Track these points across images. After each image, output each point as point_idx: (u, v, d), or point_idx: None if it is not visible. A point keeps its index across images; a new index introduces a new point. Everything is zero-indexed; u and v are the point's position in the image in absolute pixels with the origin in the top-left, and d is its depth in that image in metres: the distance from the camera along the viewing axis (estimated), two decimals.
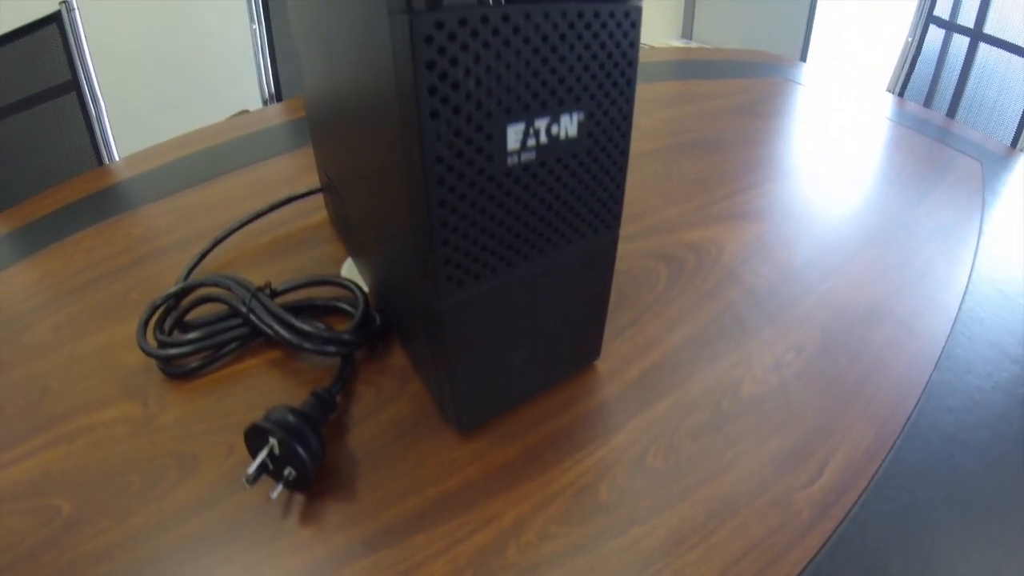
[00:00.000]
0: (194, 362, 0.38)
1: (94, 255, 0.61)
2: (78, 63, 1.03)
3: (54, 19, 1.02)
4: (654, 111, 0.80)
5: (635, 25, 0.22)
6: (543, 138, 0.22)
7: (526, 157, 0.21)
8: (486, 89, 0.19)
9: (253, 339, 0.38)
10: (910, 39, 1.16)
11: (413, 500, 0.29)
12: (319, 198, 0.57)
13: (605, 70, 0.22)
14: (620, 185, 0.26)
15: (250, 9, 1.17)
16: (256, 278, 0.45)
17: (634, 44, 0.22)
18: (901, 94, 1.17)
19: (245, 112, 1.26)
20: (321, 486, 0.30)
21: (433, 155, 0.19)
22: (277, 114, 0.99)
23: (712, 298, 0.43)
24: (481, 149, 0.20)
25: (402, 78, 0.18)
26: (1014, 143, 0.98)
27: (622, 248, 0.45)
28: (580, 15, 0.20)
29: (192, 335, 0.38)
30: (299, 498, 0.30)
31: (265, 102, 1.20)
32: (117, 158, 1.08)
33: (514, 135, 0.21)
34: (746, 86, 0.93)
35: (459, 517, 0.29)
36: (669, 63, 1.10)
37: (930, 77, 1.15)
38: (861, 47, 2.29)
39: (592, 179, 0.24)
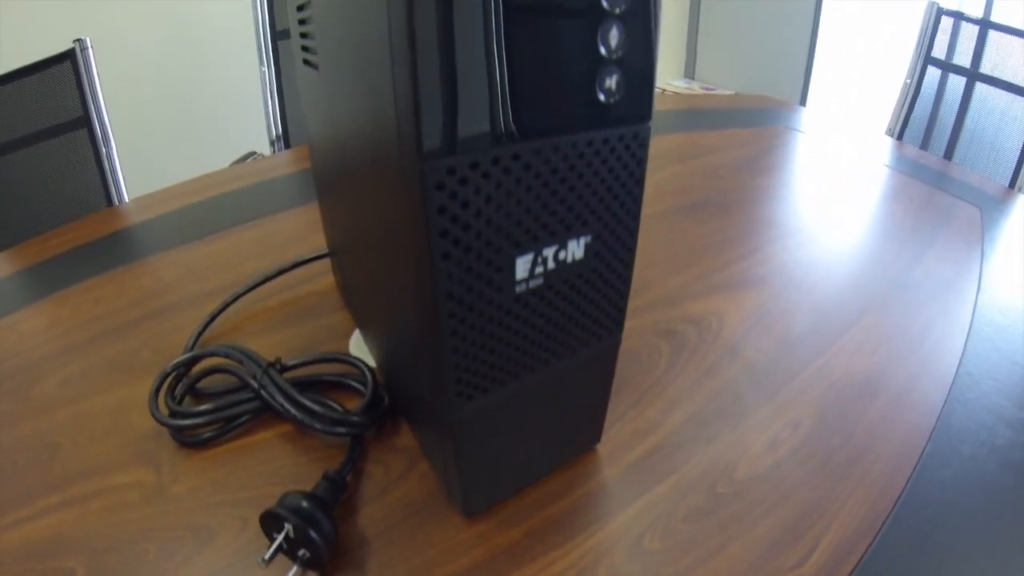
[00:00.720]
0: (206, 433, 0.40)
1: (103, 306, 0.63)
2: (90, 100, 1.07)
3: (68, 56, 1.06)
4: (660, 168, 0.83)
5: (644, 145, 0.24)
6: (551, 264, 0.23)
7: (534, 284, 0.23)
8: (496, 226, 0.21)
9: (264, 412, 0.40)
10: (908, 80, 1.19)
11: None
12: (326, 260, 0.59)
13: (613, 192, 0.24)
14: (624, 295, 0.28)
15: (259, 51, 1.21)
16: (265, 346, 0.47)
17: (642, 162, 0.24)
18: (900, 136, 1.20)
19: (253, 154, 1.30)
20: (333, 565, 0.31)
21: (444, 292, 0.21)
22: (284, 163, 1.02)
23: (712, 376, 0.44)
24: (491, 282, 0.22)
25: (413, 219, 0.19)
26: (1012, 182, 1.00)
27: (625, 325, 0.48)
28: (590, 143, 0.22)
29: (204, 407, 0.40)
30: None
31: (272, 143, 1.23)
32: (126, 196, 1.11)
33: (522, 266, 0.22)
34: (748, 137, 0.96)
35: None
36: (674, 113, 1.14)
37: (928, 118, 1.19)
38: (861, 87, 2.35)
39: (597, 293, 0.26)
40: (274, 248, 0.68)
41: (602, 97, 0.20)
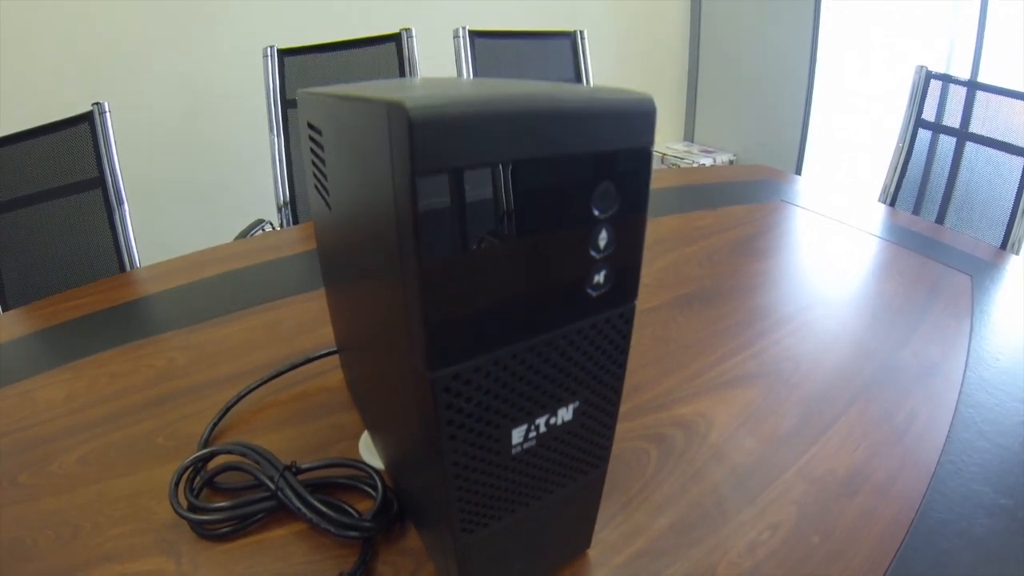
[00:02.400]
0: (224, 528, 0.44)
1: (118, 383, 0.68)
2: (105, 162, 1.14)
3: (86, 118, 1.14)
4: (657, 257, 0.88)
5: (629, 320, 0.28)
6: (542, 429, 0.27)
7: (528, 445, 0.27)
8: (495, 409, 0.25)
9: (279, 510, 0.45)
10: (900, 144, 1.26)
11: None
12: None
13: (599, 363, 0.28)
14: (609, 436, 0.32)
15: (269, 120, 1.30)
16: (276, 442, 0.51)
17: (627, 337, 0.28)
18: (893, 200, 1.26)
19: (261, 222, 1.37)
20: None
21: (451, 461, 0.25)
22: (292, 241, 1.08)
23: (697, 480, 0.48)
24: (491, 449, 0.26)
25: (423, 410, 0.24)
26: (1005, 241, 1.05)
27: (617, 429, 0.52)
28: (579, 331, 0.26)
29: (223, 504, 0.44)
30: None
31: (279, 209, 1.31)
32: (137, 256, 1.18)
33: (517, 435, 0.27)
34: (745, 215, 1.02)
35: None
36: (673, 192, 1.20)
37: (920, 180, 1.25)
38: (856, 148, 2.46)
39: (584, 442, 0.30)
40: (284, 336, 0.73)
41: (591, 292, 0.25)
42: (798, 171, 2.61)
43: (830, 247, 0.91)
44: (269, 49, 1.31)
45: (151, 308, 0.91)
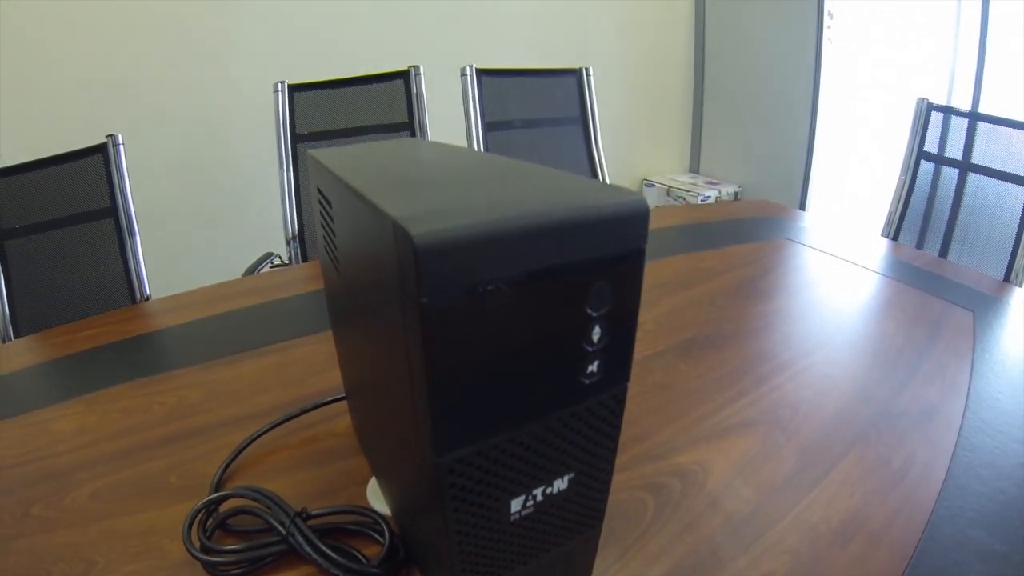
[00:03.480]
0: (236, 570, 0.47)
1: (131, 419, 0.72)
2: (118, 193, 1.19)
3: (100, 150, 1.19)
4: (659, 300, 0.90)
5: (620, 401, 0.30)
6: (539, 498, 0.30)
7: (525, 512, 0.30)
8: (495, 484, 0.28)
9: (288, 554, 0.47)
10: (903, 176, 1.28)
11: None
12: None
13: (593, 439, 0.30)
14: (602, 500, 0.34)
15: (279, 154, 1.35)
16: (286, 486, 0.54)
17: (618, 415, 0.30)
18: (896, 234, 1.28)
19: (270, 255, 1.42)
20: None
21: (455, 529, 0.28)
22: (301, 279, 1.12)
23: (693, 529, 0.50)
24: (491, 517, 0.29)
25: (430, 487, 0.27)
26: (1008, 272, 1.07)
27: (615, 479, 0.54)
28: (573, 414, 0.28)
29: (235, 547, 0.47)
30: None
31: (288, 242, 1.35)
32: (147, 286, 1.22)
33: (516, 504, 0.29)
34: (748, 255, 1.05)
35: None
36: (677, 231, 1.22)
37: (923, 213, 1.27)
38: (859, 181, 2.51)
39: (578, 507, 0.33)
40: (294, 378, 0.76)
41: (585, 381, 0.28)
42: (803, 202, 2.66)
43: (832, 286, 0.93)
44: (280, 84, 1.37)
45: (163, 343, 0.95)
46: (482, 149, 1.41)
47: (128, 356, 0.90)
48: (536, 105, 1.49)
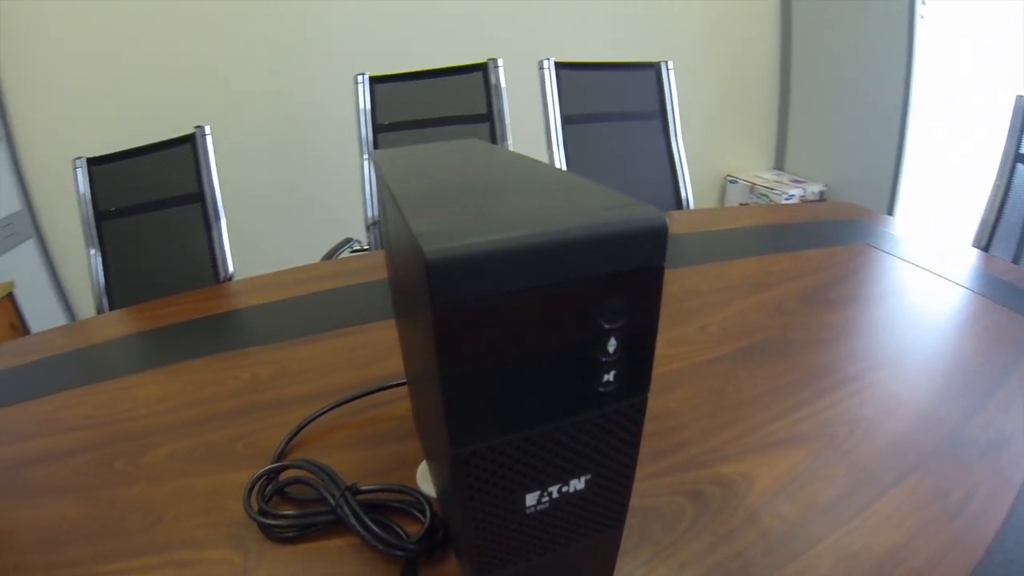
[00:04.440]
0: (289, 533, 0.52)
1: (207, 391, 0.79)
2: (205, 179, 1.30)
3: (189, 139, 1.30)
4: (725, 304, 0.89)
5: (639, 411, 0.31)
6: (555, 495, 0.32)
7: (541, 507, 0.32)
8: (509, 479, 0.30)
9: (336, 524, 0.52)
10: (998, 181, 1.19)
11: None
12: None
13: (611, 445, 0.31)
14: (623, 503, 0.35)
15: (360, 142, 1.41)
16: (343, 462, 0.58)
17: (638, 424, 0.31)
18: (988, 244, 1.20)
19: (350, 241, 1.50)
20: None
21: (472, 515, 0.30)
22: (377, 267, 1.16)
23: (726, 542, 0.50)
24: (506, 508, 0.31)
25: (450, 476, 0.29)
26: None
27: (656, 482, 0.55)
28: (588, 419, 0.29)
29: (289, 512, 0.52)
30: None
31: (368, 228, 1.43)
32: (231, 266, 1.33)
33: (531, 498, 0.31)
34: (823, 260, 1.01)
35: None
36: (752, 232, 1.20)
37: (1020, 222, 1.17)
38: (952, 182, 2.33)
39: (596, 507, 0.34)
40: (360, 362, 0.81)
41: (601, 389, 0.29)
42: (891, 205, 2.51)
43: (911, 298, 0.89)
44: (361, 76, 1.43)
45: (241, 321, 1.03)
46: (560, 143, 1.42)
47: (209, 332, 0.99)
48: (615, 99, 1.49)
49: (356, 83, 1.42)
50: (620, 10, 2.68)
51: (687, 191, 1.48)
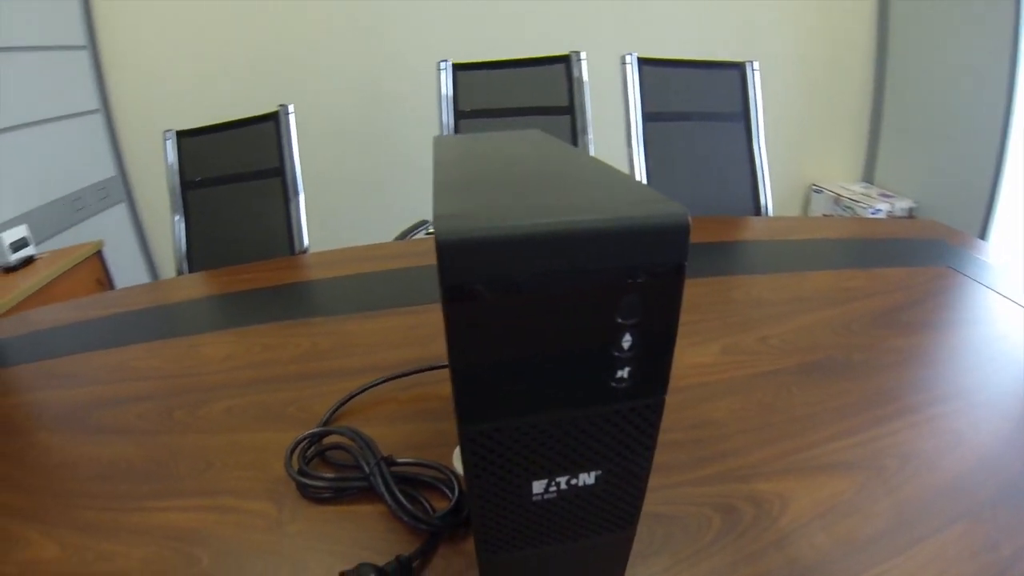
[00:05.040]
0: (323, 494, 0.55)
1: (269, 354, 0.84)
2: (286, 155, 1.36)
3: (273, 117, 1.37)
4: (790, 316, 0.86)
5: (657, 411, 0.30)
6: (563, 486, 0.32)
7: (548, 496, 0.32)
8: (515, 463, 0.30)
9: (369, 491, 0.54)
10: None
11: None
12: None
13: (624, 444, 0.31)
14: (635, 504, 0.35)
15: (440, 127, 1.45)
16: (385, 434, 0.61)
17: (653, 425, 0.31)
18: None
19: (424, 223, 1.54)
20: None
21: (477, 493, 0.31)
22: None
23: (750, 563, 0.48)
24: (512, 492, 0.31)
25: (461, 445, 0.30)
26: None
27: (687, 490, 0.55)
28: (601, 414, 0.29)
29: (326, 475, 0.55)
30: None
31: None
32: (307, 239, 1.40)
33: (538, 486, 0.31)
34: (901, 280, 0.96)
35: None
36: (830, 244, 1.15)
37: None
38: None
39: (607, 505, 0.34)
40: (419, 340, 0.84)
41: (613, 385, 0.29)
42: (984, 227, 2.33)
43: (991, 330, 0.82)
44: (444, 63, 1.46)
45: (308, 293, 1.09)
46: (639, 140, 1.40)
47: (277, 300, 1.04)
48: (697, 98, 1.45)
49: (439, 69, 1.46)
50: (706, 6, 2.60)
51: (766, 198, 1.43)
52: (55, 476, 0.64)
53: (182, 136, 1.39)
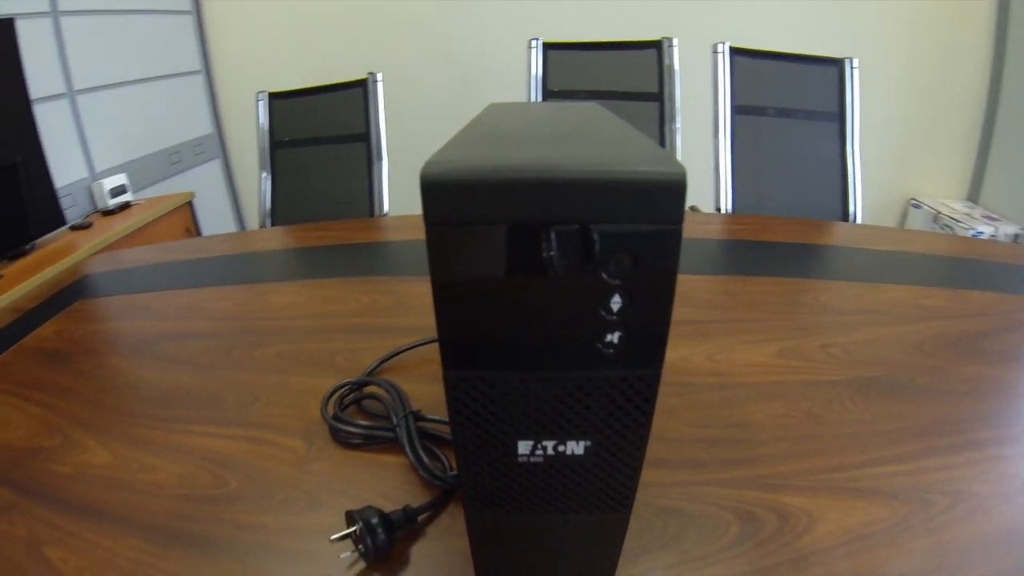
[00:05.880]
0: (353, 440, 0.58)
1: (330, 307, 0.88)
2: (372, 122, 1.41)
3: (361, 84, 1.41)
4: (857, 327, 0.80)
5: (651, 385, 0.29)
6: (550, 451, 0.31)
7: (534, 459, 0.31)
8: (499, 418, 0.30)
9: (394, 443, 0.56)
10: None
11: None
12: None
13: (615, 416, 0.30)
14: (629, 486, 0.34)
15: (529, 94, 1.45)
16: (421, 392, 0.63)
17: (648, 400, 0.30)
18: None
19: None
20: (376, 566, 0.46)
21: (462, 446, 0.31)
22: None
23: None
24: (496, 449, 0.31)
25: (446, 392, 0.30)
26: None
27: (709, 490, 0.53)
28: (589, 380, 0.28)
29: (358, 422, 0.58)
30: (361, 565, 0.46)
31: None
32: (387, 204, 1.44)
33: (524, 446, 0.31)
34: (987, 304, 0.87)
35: None
36: (914, 258, 1.06)
37: None
38: None
39: (598, 480, 0.33)
40: None
41: (603, 349, 0.27)
42: None
43: None
44: (535, 41, 1.46)
45: (377, 253, 1.13)
46: (727, 132, 1.35)
47: (346, 257, 1.09)
48: (791, 94, 1.37)
49: (530, 47, 1.46)
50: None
51: (855, 205, 1.34)
52: (119, 395, 0.72)
53: (273, 98, 1.47)
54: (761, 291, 0.92)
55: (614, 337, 0.27)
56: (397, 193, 1.45)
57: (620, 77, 1.46)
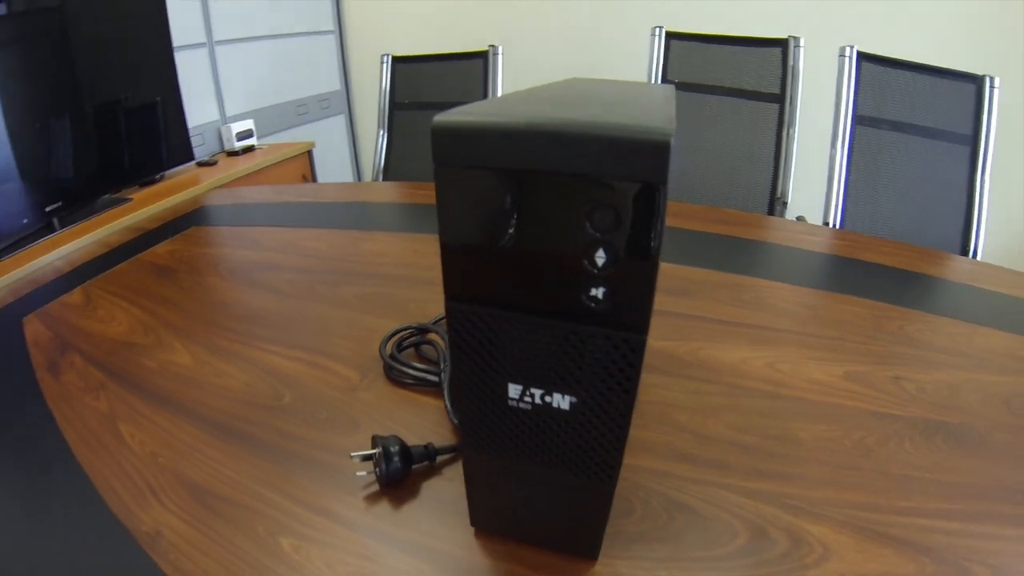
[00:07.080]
0: (404, 380, 0.62)
1: (418, 259, 0.94)
2: (489, 94, 1.46)
3: (481, 56, 1.45)
4: (940, 366, 0.71)
5: (635, 351, 0.30)
6: (538, 400, 0.33)
7: (523, 405, 0.34)
8: (493, 356, 0.32)
9: (439, 387, 0.60)
10: None
11: (429, 541, 0.47)
12: None
13: (599, 376, 0.31)
14: (613, 455, 0.34)
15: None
16: None
17: (633, 365, 0.30)
18: None
19: None
20: (388, 491, 0.50)
21: (456, 375, 0.34)
22: None
23: None
24: (489, 388, 0.34)
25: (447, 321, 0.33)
26: None
27: (726, 494, 0.51)
28: (575, 332, 0.30)
29: (412, 364, 0.63)
30: (374, 487, 0.51)
31: None
32: None
33: (513, 390, 0.33)
34: None
35: None
36: (1020, 306, 0.96)
37: None
38: None
39: (582, 441, 0.34)
40: None
41: (589, 303, 0.29)
42: None
43: None
44: (658, 29, 1.44)
45: None
46: (845, 143, 1.27)
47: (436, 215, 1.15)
48: (919, 109, 1.24)
49: (653, 35, 1.44)
50: (943, 6, 2.16)
51: (977, 240, 1.21)
52: (210, 309, 0.82)
53: (397, 61, 1.55)
54: (844, 309, 0.86)
55: (599, 292, 0.29)
56: None
57: (741, 74, 1.40)
